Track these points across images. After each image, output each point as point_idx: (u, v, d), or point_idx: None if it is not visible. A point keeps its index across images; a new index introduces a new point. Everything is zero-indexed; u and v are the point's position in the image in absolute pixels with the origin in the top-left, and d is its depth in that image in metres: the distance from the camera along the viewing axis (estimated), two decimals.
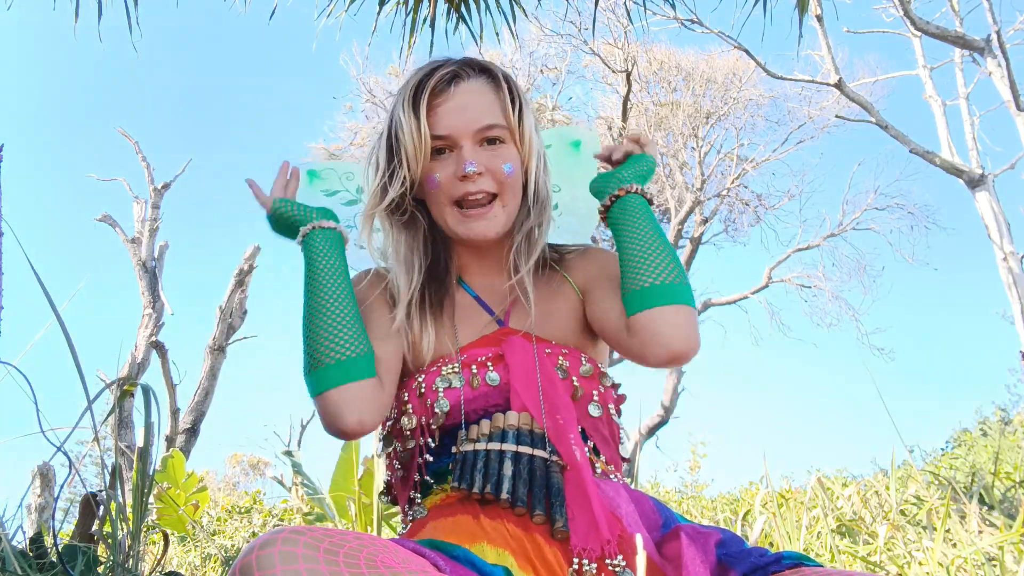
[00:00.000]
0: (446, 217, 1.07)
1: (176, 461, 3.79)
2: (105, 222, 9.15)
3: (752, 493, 4.12)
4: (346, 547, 0.67)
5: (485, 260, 1.14)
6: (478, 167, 1.03)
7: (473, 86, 1.06)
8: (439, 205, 1.07)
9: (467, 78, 1.06)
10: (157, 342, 6.86)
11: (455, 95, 1.05)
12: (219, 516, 4.39)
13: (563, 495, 0.90)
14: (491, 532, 0.88)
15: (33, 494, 3.46)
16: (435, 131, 1.04)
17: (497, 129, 1.06)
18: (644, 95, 13.03)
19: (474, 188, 1.04)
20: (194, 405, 7.22)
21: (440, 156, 1.06)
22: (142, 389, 1.38)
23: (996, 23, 9.33)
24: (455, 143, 1.04)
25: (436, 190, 1.06)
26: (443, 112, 1.04)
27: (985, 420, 12.16)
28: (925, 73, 11.65)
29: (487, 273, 1.14)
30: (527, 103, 1.11)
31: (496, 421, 0.96)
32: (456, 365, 1.01)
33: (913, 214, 12.65)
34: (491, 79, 1.08)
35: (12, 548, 1.18)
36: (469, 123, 1.04)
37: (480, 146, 1.05)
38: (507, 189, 1.06)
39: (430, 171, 1.06)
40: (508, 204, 1.07)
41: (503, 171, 1.05)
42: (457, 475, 0.94)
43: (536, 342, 1.03)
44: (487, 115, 1.05)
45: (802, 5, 3.00)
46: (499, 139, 1.06)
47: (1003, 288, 9.23)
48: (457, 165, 1.04)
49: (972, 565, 1.36)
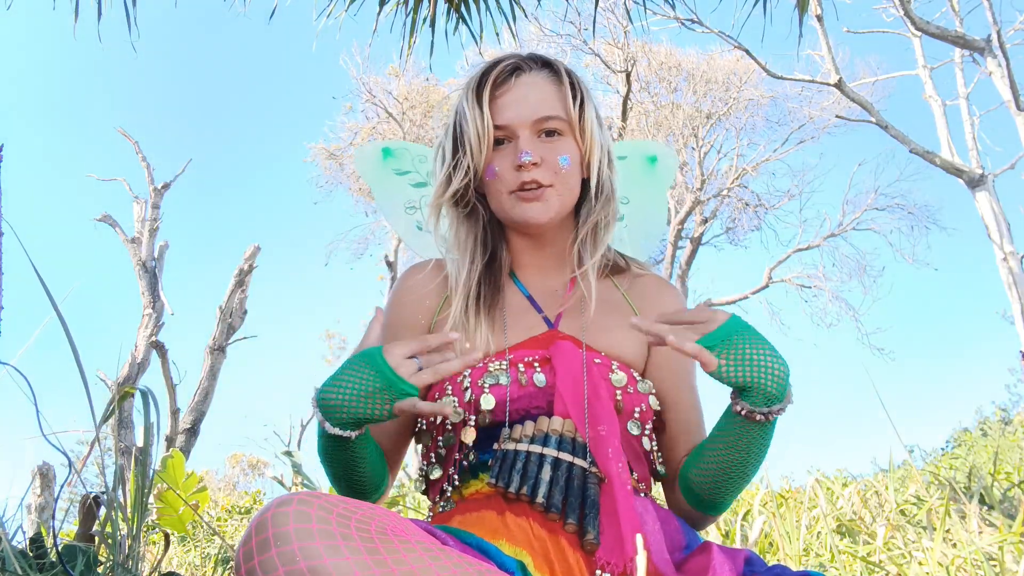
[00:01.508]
0: (504, 206, 1.07)
1: (176, 461, 3.78)
2: (105, 222, 9.15)
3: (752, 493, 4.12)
4: (359, 514, 0.70)
5: (543, 257, 1.13)
6: (534, 157, 1.03)
7: (534, 79, 1.07)
8: (497, 195, 1.07)
9: (528, 71, 1.08)
10: (157, 342, 6.86)
11: (516, 87, 1.06)
12: (219, 516, 4.39)
13: (598, 507, 0.90)
14: (515, 531, 0.88)
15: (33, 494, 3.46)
16: (495, 122, 1.05)
17: (555, 121, 1.06)
18: (644, 95, 13.03)
19: (528, 177, 1.04)
20: (194, 405, 7.22)
21: (500, 147, 1.06)
22: (141, 392, 1.38)
23: (996, 23, 9.33)
24: (513, 134, 1.05)
25: (494, 180, 1.06)
26: (503, 103, 1.05)
27: (985, 420, 12.15)
28: (925, 73, 11.65)
29: (543, 272, 1.14)
30: (590, 97, 1.10)
31: (540, 424, 0.96)
32: (504, 363, 1.00)
33: (913, 214, 12.66)
34: (553, 72, 1.09)
35: (12, 548, 1.18)
36: (527, 114, 1.05)
37: (538, 137, 1.06)
38: (562, 181, 1.06)
39: (490, 162, 1.06)
40: (563, 195, 1.07)
41: (559, 163, 1.05)
42: (495, 472, 0.93)
43: (586, 350, 1.03)
44: (545, 107, 1.06)
45: (802, 5, 3.00)
46: (557, 131, 1.06)
47: (1003, 288, 9.23)
48: (514, 155, 1.04)
49: (972, 565, 1.37)
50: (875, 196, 12.86)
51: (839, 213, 13.07)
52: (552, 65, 1.10)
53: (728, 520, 2.81)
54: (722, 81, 13.02)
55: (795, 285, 13.12)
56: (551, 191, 1.05)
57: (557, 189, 1.06)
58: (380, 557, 0.66)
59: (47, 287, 1.30)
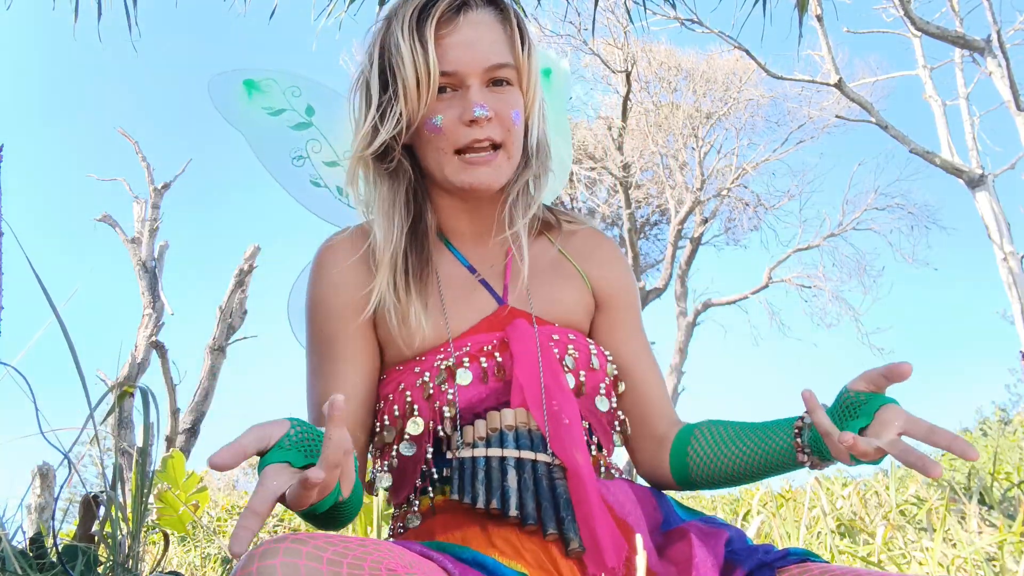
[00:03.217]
0: (444, 166, 0.93)
1: (176, 461, 3.79)
2: (105, 222, 9.14)
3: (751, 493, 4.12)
4: (350, 556, 0.63)
5: (477, 221, 1.01)
6: (489, 111, 0.90)
7: (483, 17, 0.94)
8: (437, 152, 0.93)
9: (476, 8, 0.94)
10: (157, 342, 6.85)
11: (463, 26, 0.92)
12: (219, 516, 4.39)
13: (572, 508, 0.83)
14: (502, 545, 0.81)
15: (33, 494, 3.45)
16: (440, 67, 0.90)
17: (507, 69, 0.93)
18: (644, 95, 13.02)
19: (482, 135, 0.91)
20: (194, 405, 7.22)
21: (442, 96, 0.92)
22: (141, 392, 1.38)
23: (996, 23, 9.33)
24: (461, 82, 0.92)
25: (437, 135, 0.92)
26: (449, 45, 0.91)
27: (985, 420, 12.15)
28: (925, 73, 11.65)
29: (477, 237, 1.01)
30: (534, 42, 0.98)
31: (492, 421, 0.88)
32: (462, 356, 0.90)
33: (913, 214, 12.67)
34: (500, 12, 0.96)
35: (12, 548, 1.18)
36: (479, 60, 0.91)
37: (487, 87, 0.93)
38: (513, 138, 0.94)
39: (431, 113, 0.92)
40: (513, 156, 0.95)
41: (511, 118, 0.93)
42: (456, 487, 0.85)
43: (538, 324, 0.94)
44: (498, 52, 0.93)
45: (802, 5, 3.00)
46: (507, 80, 0.94)
47: (1003, 288, 9.23)
48: (463, 107, 0.91)
49: (971, 565, 1.36)
50: (875, 196, 12.88)
51: (839, 213, 13.08)
52: (497, 2, 0.96)
53: (728, 520, 2.81)
54: (722, 81, 13.02)
55: (795, 285, 13.13)
56: (502, 153, 0.93)
57: (508, 150, 0.94)
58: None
59: (46, 288, 1.30)
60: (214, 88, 1.13)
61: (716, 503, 4.90)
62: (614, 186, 12.23)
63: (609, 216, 13.16)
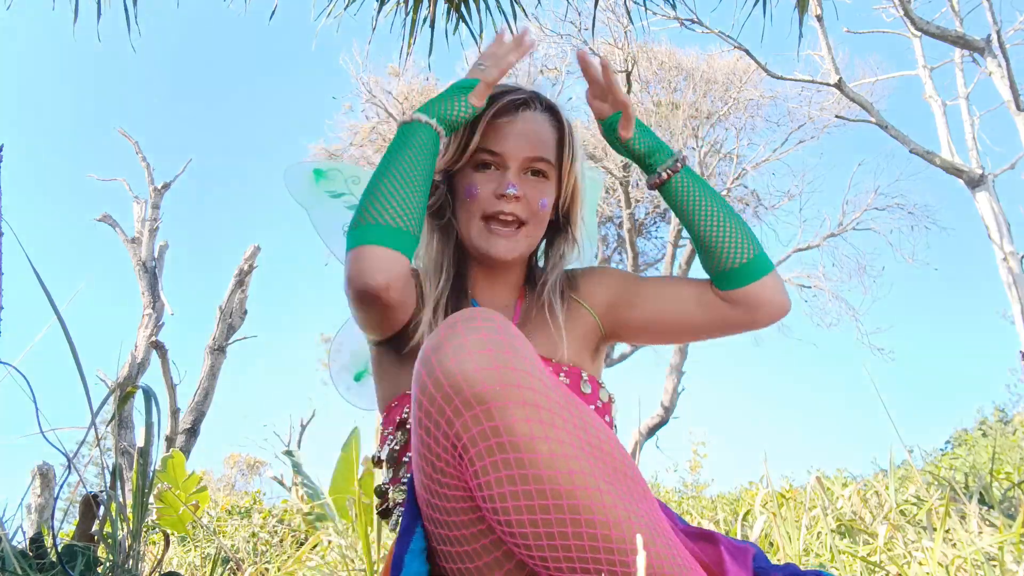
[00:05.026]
0: (471, 228, 1.09)
1: (176, 461, 3.79)
2: (105, 222, 9.15)
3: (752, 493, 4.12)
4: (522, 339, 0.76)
5: (496, 282, 1.16)
6: (519, 191, 1.07)
7: (537, 117, 1.12)
8: (468, 215, 1.10)
9: (533, 109, 1.12)
10: (157, 342, 6.86)
11: (519, 120, 1.10)
12: (219, 516, 4.39)
13: None
14: None
15: (33, 494, 3.46)
16: (490, 146, 1.08)
17: (545, 164, 1.10)
18: (644, 95, 13.02)
19: (508, 209, 1.07)
20: (194, 405, 7.22)
21: (485, 171, 1.10)
22: (143, 392, 1.38)
23: (996, 23, 9.33)
24: (503, 163, 1.09)
25: (471, 200, 1.09)
26: (503, 131, 1.09)
27: (985, 420, 12.16)
28: (925, 73, 11.64)
29: (496, 294, 1.16)
30: (580, 151, 1.16)
31: None
32: None
33: (913, 214, 12.64)
34: (554, 117, 1.14)
35: (12, 548, 1.18)
36: (523, 149, 1.09)
37: (525, 174, 1.10)
38: (536, 221, 1.10)
39: (472, 182, 1.09)
40: (532, 235, 1.11)
41: (538, 203, 1.09)
42: None
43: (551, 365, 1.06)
44: (541, 148, 1.10)
45: (802, 5, 3.00)
46: (543, 173, 1.11)
47: (1003, 288, 9.23)
48: (499, 183, 1.08)
49: (972, 565, 1.36)
50: (875, 196, 12.86)
51: (839, 213, 13.05)
52: (555, 110, 1.15)
53: (728, 520, 2.81)
54: (722, 81, 13.01)
55: (795, 285, 13.11)
56: (523, 231, 1.09)
57: (528, 229, 1.10)
58: None
59: (46, 287, 1.30)
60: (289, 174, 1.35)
61: (717, 504, 4.90)
62: (614, 186, 12.22)
63: (609, 216, 13.16)
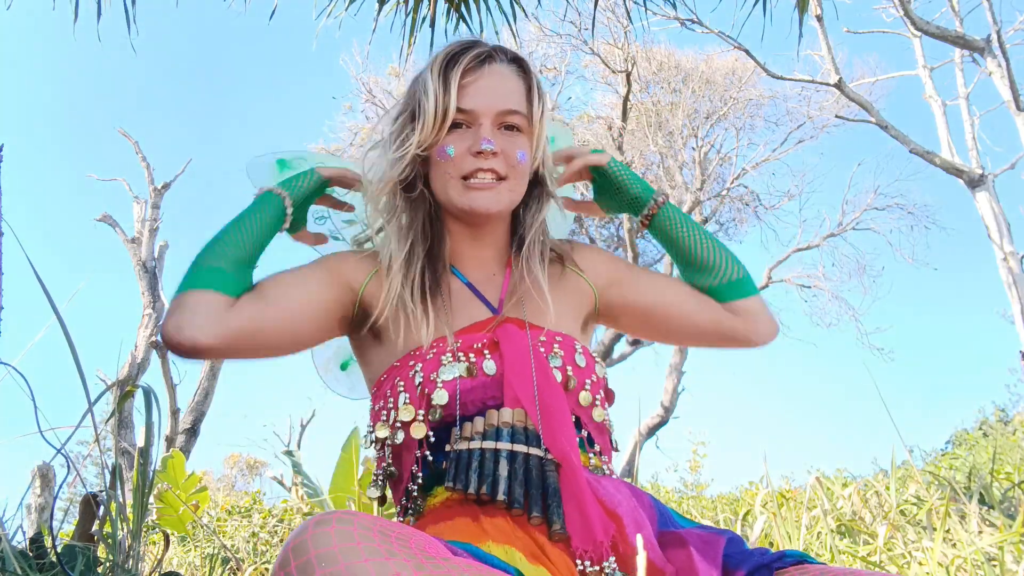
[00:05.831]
0: (449, 190, 1.06)
1: (176, 461, 3.79)
2: (105, 222, 9.15)
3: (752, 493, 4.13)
4: (396, 531, 0.69)
5: (481, 248, 1.13)
6: (495, 146, 1.04)
7: (503, 70, 1.09)
8: (444, 177, 1.06)
9: (499, 61, 1.09)
10: (157, 342, 6.85)
11: (485, 75, 1.07)
12: (219, 516, 4.40)
13: (559, 496, 0.89)
14: (493, 531, 0.87)
15: (33, 494, 3.46)
16: (460, 104, 1.04)
17: (518, 116, 1.07)
18: (644, 95, 13.02)
19: (486, 165, 1.04)
20: (194, 405, 7.22)
21: (456, 130, 1.06)
22: (143, 391, 1.38)
23: (996, 23, 9.33)
24: (475, 120, 1.05)
25: (446, 162, 1.05)
26: (470, 88, 1.05)
27: (985, 420, 12.16)
28: (925, 73, 11.65)
29: (480, 262, 1.14)
30: (547, 101, 1.13)
31: (490, 418, 0.95)
32: (451, 354, 0.99)
33: (913, 214, 12.64)
34: (520, 68, 1.11)
35: (12, 548, 1.18)
36: (494, 103, 1.06)
37: (498, 129, 1.07)
38: (516, 175, 1.07)
39: (444, 143, 1.05)
40: (514, 189, 1.08)
41: (515, 156, 1.06)
42: (451, 475, 0.92)
43: (530, 329, 1.04)
44: (512, 100, 1.07)
45: (802, 5, 3.00)
46: (516, 127, 1.08)
47: (1003, 288, 9.23)
48: (474, 140, 1.04)
49: (972, 565, 1.36)
50: (875, 196, 12.85)
51: (839, 213, 13.06)
52: (520, 61, 1.11)
53: (728, 520, 2.81)
54: (721, 81, 13.01)
55: (795, 285, 13.11)
56: (504, 184, 1.06)
57: (510, 183, 1.07)
58: (427, 573, 0.64)
59: (46, 287, 1.30)
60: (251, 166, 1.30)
61: (717, 504, 4.90)
62: None
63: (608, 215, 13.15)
